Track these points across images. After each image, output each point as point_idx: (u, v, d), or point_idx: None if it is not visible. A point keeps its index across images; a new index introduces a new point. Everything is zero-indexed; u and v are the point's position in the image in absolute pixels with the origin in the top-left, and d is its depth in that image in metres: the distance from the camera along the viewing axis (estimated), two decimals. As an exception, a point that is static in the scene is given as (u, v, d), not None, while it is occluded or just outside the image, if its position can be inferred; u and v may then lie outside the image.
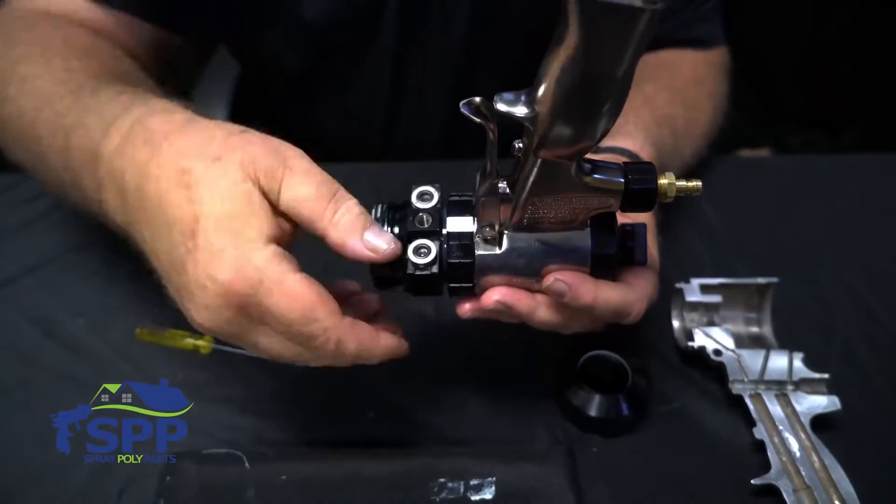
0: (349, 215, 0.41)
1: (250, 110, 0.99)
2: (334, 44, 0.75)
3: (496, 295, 0.44)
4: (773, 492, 0.48)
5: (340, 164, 0.77)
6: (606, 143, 0.56)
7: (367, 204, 0.70)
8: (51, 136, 0.48)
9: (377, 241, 0.41)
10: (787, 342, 0.58)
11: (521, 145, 0.40)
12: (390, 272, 0.45)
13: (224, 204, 0.38)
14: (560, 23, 0.33)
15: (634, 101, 0.66)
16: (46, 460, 0.51)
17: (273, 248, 0.38)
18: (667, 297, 0.59)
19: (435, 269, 0.44)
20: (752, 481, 0.49)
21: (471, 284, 0.45)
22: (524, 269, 0.45)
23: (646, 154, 0.57)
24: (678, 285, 0.60)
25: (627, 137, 0.57)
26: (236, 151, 0.39)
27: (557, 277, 0.44)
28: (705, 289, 0.59)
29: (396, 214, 0.46)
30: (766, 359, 0.55)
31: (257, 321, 0.39)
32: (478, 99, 0.39)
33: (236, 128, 0.41)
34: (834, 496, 0.48)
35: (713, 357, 0.55)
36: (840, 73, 1.57)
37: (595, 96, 0.35)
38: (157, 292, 0.62)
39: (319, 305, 0.39)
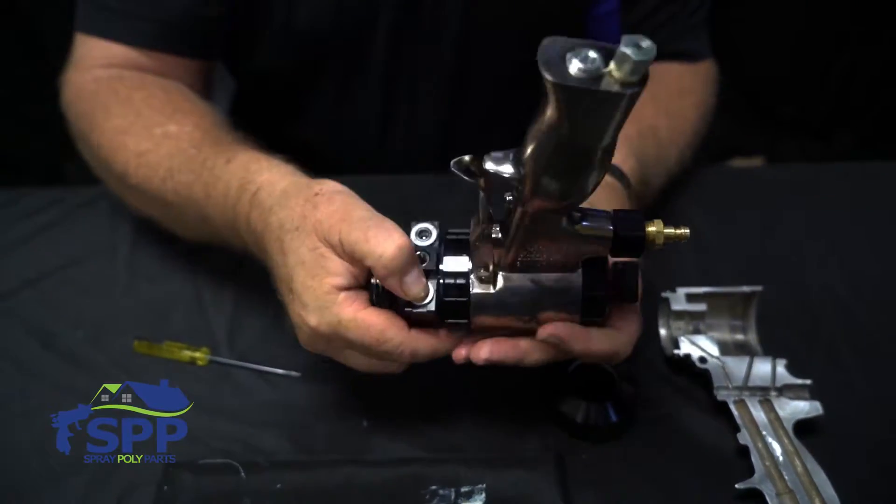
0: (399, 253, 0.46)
1: (244, 123, 1.00)
2: (326, 56, 0.76)
3: (485, 353, 0.47)
4: (756, 496, 0.50)
5: (335, 176, 0.78)
6: None
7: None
8: (182, 205, 0.58)
9: (413, 288, 0.46)
10: (771, 349, 0.60)
11: (511, 197, 0.42)
12: (389, 306, 0.47)
13: (304, 267, 0.47)
14: (542, 98, 0.34)
15: None
16: (45, 471, 0.52)
17: (344, 294, 0.46)
18: (653, 306, 0.61)
19: (432, 307, 0.47)
20: (736, 486, 0.50)
21: (466, 321, 0.48)
22: (518, 308, 0.47)
23: (628, 166, 0.58)
24: (664, 294, 0.61)
25: None
26: (308, 219, 0.47)
27: (550, 332, 0.47)
28: (691, 298, 0.61)
29: None
30: (749, 365, 0.56)
31: (344, 347, 0.49)
32: (467, 158, 0.41)
33: (311, 192, 0.49)
34: (816, 500, 0.49)
35: (698, 364, 0.57)
36: (830, 80, 1.59)
37: (579, 164, 0.37)
38: (154, 305, 0.64)
39: (388, 328, 0.46)
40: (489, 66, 0.78)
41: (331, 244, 0.47)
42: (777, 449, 0.52)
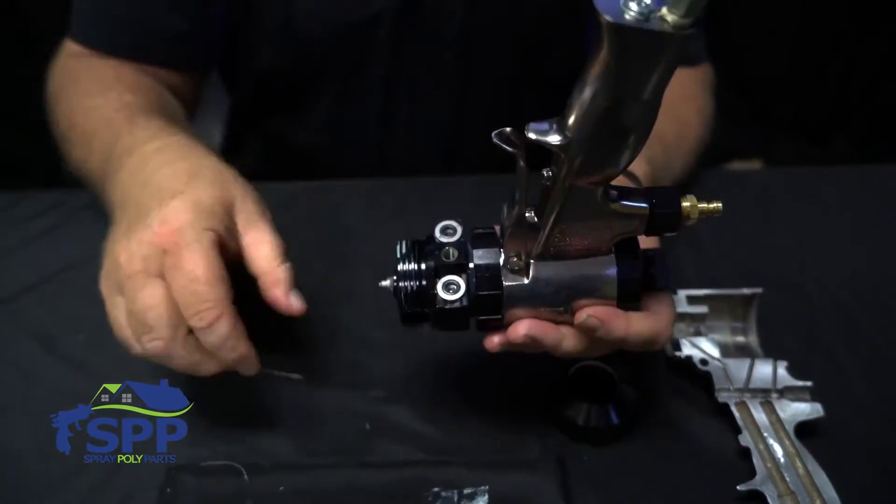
0: (290, 272, 0.50)
1: (245, 126, 1.00)
2: (326, 58, 0.76)
3: (523, 329, 0.45)
4: (758, 497, 0.50)
5: (337, 180, 0.79)
6: None
7: (366, 218, 0.72)
8: (100, 148, 0.59)
9: (296, 300, 0.49)
10: (772, 351, 0.60)
11: (549, 173, 0.41)
12: (420, 308, 0.47)
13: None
14: (593, 49, 0.35)
15: None
16: (47, 476, 0.52)
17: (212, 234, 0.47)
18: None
19: (465, 302, 0.45)
20: (737, 487, 0.50)
21: (500, 316, 0.46)
22: (552, 298, 0.45)
23: (640, 170, 0.58)
24: (665, 296, 0.61)
25: None
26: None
27: (590, 313, 0.45)
28: (692, 300, 0.61)
29: (424, 249, 0.47)
30: (751, 367, 0.57)
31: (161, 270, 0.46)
32: (508, 129, 0.40)
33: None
34: (817, 501, 0.49)
35: (700, 366, 0.57)
36: (828, 83, 1.59)
37: (624, 121, 0.37)
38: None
39: (223, 281, 0.46)
40: (490, 66, 0.78)
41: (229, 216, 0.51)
42: (778, 450, 0.52)
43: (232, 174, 0.53)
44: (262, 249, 0.50)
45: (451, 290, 0.45)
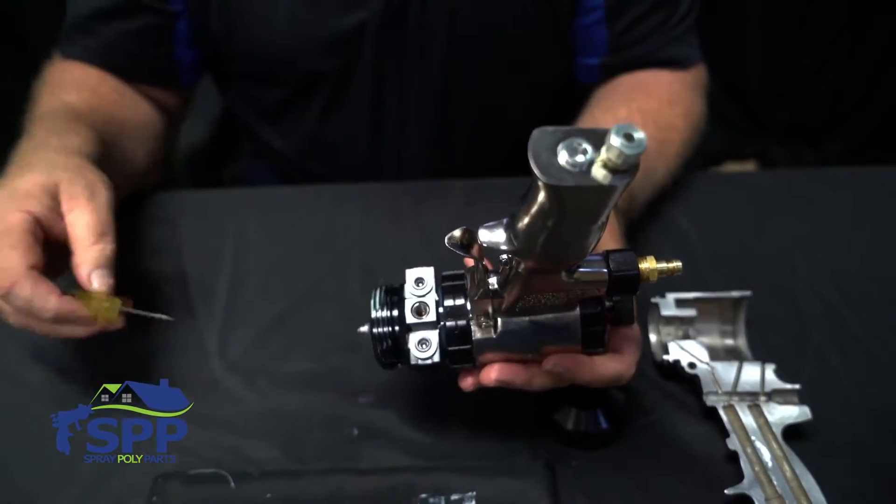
0: (100, 252, 0.51)
1: (235, 132, 1.00)
2: (312, 73, 0.77)
3: (494, 374, 0.48)
4: (746, 501, 0.50)
5: (327, 185, 0.79)
6: None
7: (357, 222, 0.72)
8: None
9: (99, 279, 0.51)
10: (761, 354, 0.60)
11: (506, 256, 0.42)
12: (395, 360, 0.49)
13: None
14: (531, 188, 0.34)
15: (607, 125, 0.68)
16: (37, 483, 0.52)
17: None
18: (643, 312, 0.61)
19: (436, 358, 0.48)
20: (725, 491, 0.50)
21: (471, 364, 0.49)
22: (520, 348, 0.48)
23: None
24: (654, 300, 0.61)
25: None
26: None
27: (556, 362, 0.47)
28: (680, 303, 0.61)
29: (394, 297, 0.49)
30: (738, 371, 0.57)
31: None
32: (457, 232, 0.41)
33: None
34: (805, 504, 0.49)
35: (688, 370, 0.57)
36: (822, 85, 1.59)
37: (572, 240, 0.37)
38: (142, 318, 0.63)
39: (21, 251, 0.50)
40: (475, 73, 0.78)
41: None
42: (766, 454, 0.52)
43: (68, 164, 0.55)
44: (78, 230, 0.51)
45: (423, 347, 0.48)
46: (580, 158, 0.31)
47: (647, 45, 0.75)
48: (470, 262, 0.50)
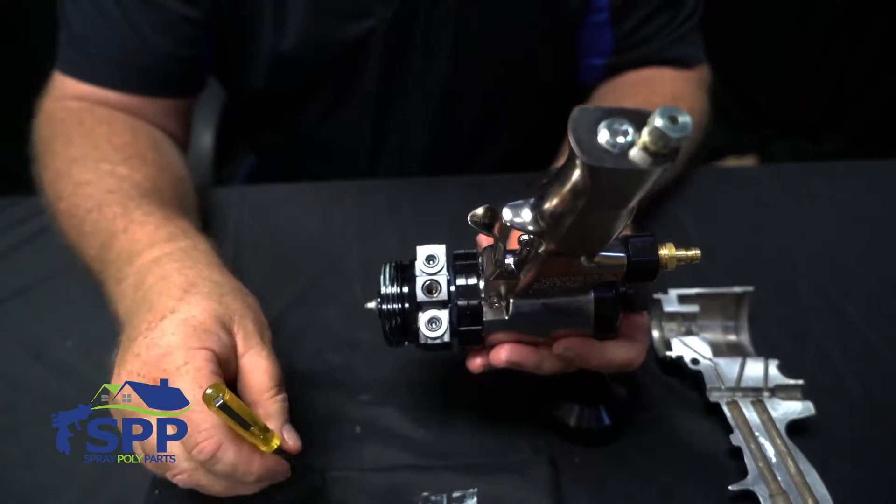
0: (285, 404, 0.47)
1: (235, 134, 1.00)
2: (319, 79, 0.76)
3: (505, 355, 0.47)
4: (750, 497, 0.49)
5: (325, 182, 0.78)
6: None
7: (356, 219, 0.72)
8: (94, 234, 0.56)
9: (290, 437, 0.46)
10: (763, 349, 0.60)
11: (526, 238, 0.40)
12: (404, 339, 0.48)
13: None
14: (564, 168, 0.33)
15: None
16: (35, 485, 0.52)
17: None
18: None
19: (447, 338, 0.47)
20: (729, 487, 0.50)
21: (481, 345, 0.48)
22: (531, 331, 0.47)
23: None
24: (656, 296, 0.61)
25: None
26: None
27: (566, 346, 0.46)
28: (683, 299, 0.61)
29: (404, 273, 0.48)
30: (742, 366, 0.56)
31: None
32: (480, 210, 0.40)
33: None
34: (809, 500, 0.49)
35: (691, 366, 0.57)
36: (822, 79, 1.59)
37: (602, 224, 0.36)
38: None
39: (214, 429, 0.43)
40: (479, 76, 0.78)
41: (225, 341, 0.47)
42: (770, 450, 0.52)
43: (231, 286, 0.50)
44: (257, 377, 0.47)
45: (433, 326, 0.46)
46: (620, 140, 0.30)
47: (653, 46, 0.75)
48: (482, 241, 0.49)
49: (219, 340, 0.46)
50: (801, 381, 0.55)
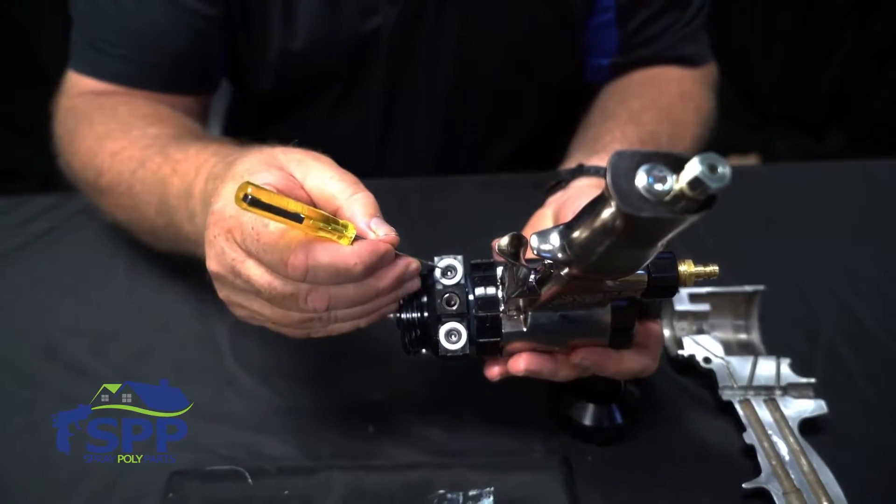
0: (365, 199, 0.45)
1: (242, 134, 1.00)
2: (327, 77, 0.77)
3: (523, 364, 0.48)
4: (763, 495, 0.50)
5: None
6: (592, 161, 0.58)
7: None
8: (147, 191, 0.58)
9: (379, 228, 0.44)
10: (774, 348, 0.60)
11: (550, 261, 0.40)
12: (423, 349, 0.49)
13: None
14: (597, 203, 0.33)
15: (620, 117, 0.67)
16: (50, 484, 0.52)
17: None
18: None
19: (466, 350, 0.47)
20: (743, 485, 0.50)
21: (499, 355, 0.49)
22: (548, 341, 0.48)
23: None
24: (667, 295, 0.61)
25: None
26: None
27: (584, 356, 0.47)
28: (694, 298, 0.61)
29: (423, 284, 0.48)
30: (754, 365, 0.57)
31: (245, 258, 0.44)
32: (505, 239, 0.40)
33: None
34: (822, 498, 0.49)
35: (703, 364, 0.57)
36: (824, 78, 1.60)
37: (631, 258, 0.37)
38: (155, 312, 0.63)
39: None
40: (486, 75, 0.78)
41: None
42: (783, 448, 0.52)
43: (272, 146, 0.50)
44: (330, 186, 0.45)
45: (453, 338, 0.47)
46: (659, 187, 0.30)
47: (658, 45, 0.75)
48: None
49: (272, 176, 0.44)
50: (812, 380, 0.56)
